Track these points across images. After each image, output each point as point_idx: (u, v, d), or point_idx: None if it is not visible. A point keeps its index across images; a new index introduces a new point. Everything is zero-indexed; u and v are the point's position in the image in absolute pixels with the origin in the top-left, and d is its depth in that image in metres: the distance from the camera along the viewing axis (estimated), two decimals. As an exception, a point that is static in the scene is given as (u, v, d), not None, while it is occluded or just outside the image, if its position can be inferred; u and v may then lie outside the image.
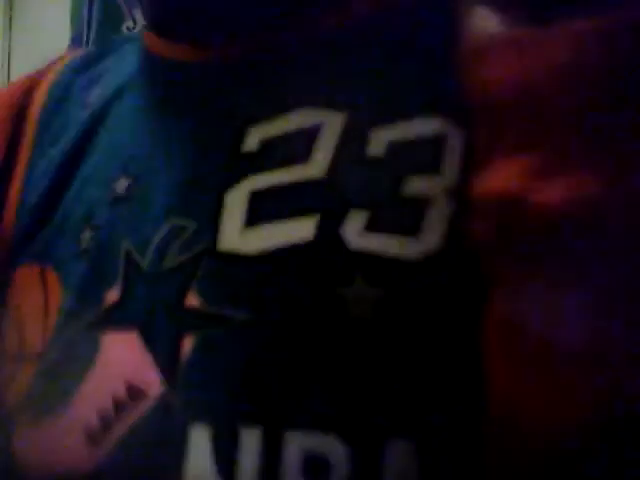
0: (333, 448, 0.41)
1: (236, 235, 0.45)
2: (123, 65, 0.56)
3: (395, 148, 0.44)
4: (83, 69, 0.58)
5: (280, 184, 0.45)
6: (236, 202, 0.45)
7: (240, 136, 0.47)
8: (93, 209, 0.50)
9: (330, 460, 0.41)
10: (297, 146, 0.46)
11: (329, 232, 0.43)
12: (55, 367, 0.47)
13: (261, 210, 0.45)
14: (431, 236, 0.42)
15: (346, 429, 0.41)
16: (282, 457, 0.41)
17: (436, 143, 0.44)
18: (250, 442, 0.42)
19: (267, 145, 0.46)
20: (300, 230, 0.43)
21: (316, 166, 0.45)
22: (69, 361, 0.47)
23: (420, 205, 0.43)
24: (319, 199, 0.44)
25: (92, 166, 0.52)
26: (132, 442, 0.44)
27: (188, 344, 0.44)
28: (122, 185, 0.50)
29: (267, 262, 0.44)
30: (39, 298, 0.50)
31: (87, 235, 0.50)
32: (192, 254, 0.46)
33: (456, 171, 0.43)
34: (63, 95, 0.57)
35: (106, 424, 0.44)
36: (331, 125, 0.46)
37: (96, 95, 0.56)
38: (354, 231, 0.42)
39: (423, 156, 0.44)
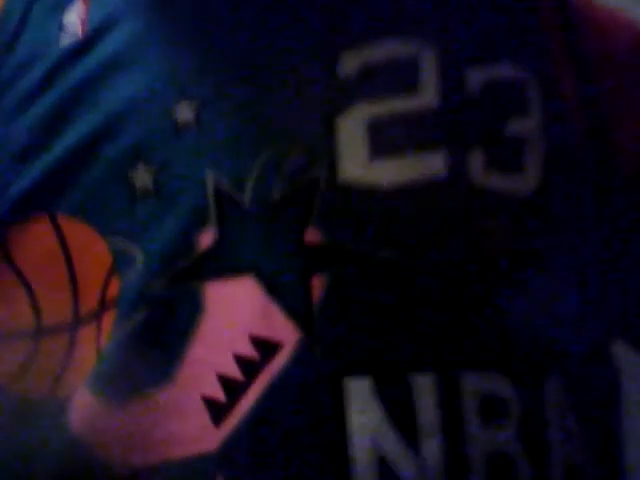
0: (505, 388, 0.42)
1: (361, 166, 0.42)
2: None
3: (489, 88, 0.45)
4: None
5: (396, 113, 0.43)
6: (352, 131, 0.43)
7: (333, 60, 0.44)
8: (144, 141, 0.43)
9: (504, 399, 0.41)
10: (399, 75, 0.44)
11: (457, 168, 0.43)
12: (142, 335, 0.41)
13: (383, 141, 0.43)
14: (533, 173, 0.45)
15: (511, 369, 0.42)
16: (460, 399, 0.41)
17: (522, 87, 0.46)
18: (424, 387, 0.40)
19: (366, 71, 0.44)
20: (430, 165, 0.43)
21: (427, 97, 0.44)
22: (161, 325, 0.41)
23: (520, 145, 0.45)
24: (439, 131, 0.44)
25: (126, 96, 0.45)
26: (272, 404, 0.39)
27: (319, 284, 0.41)
28: (185, 111, 0.43)
29: (401, 197, 0.42)
30: (53, 260, 0.43)
31: (142, 172, 0.43)
32: (303, 185, 0.42)
33: (540, 114, 0.46)
34: (23, 11, 0.49)
35: (234, 391, 0.39)
36: (427, 57, 0.45)
37: (76, 21, 0.47)
38: (477, 168, 0.44)
39: (513, 98, 0.46)
